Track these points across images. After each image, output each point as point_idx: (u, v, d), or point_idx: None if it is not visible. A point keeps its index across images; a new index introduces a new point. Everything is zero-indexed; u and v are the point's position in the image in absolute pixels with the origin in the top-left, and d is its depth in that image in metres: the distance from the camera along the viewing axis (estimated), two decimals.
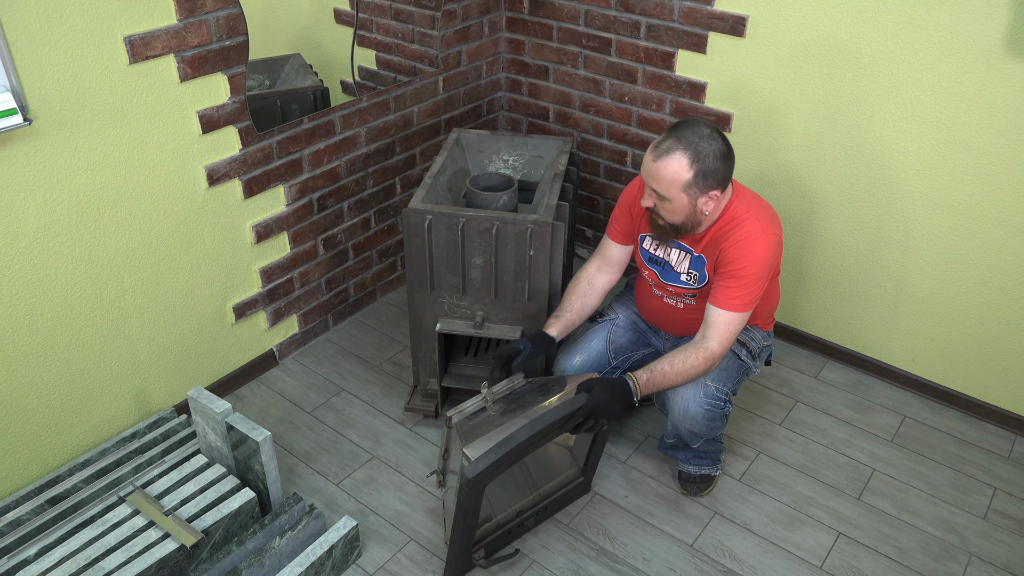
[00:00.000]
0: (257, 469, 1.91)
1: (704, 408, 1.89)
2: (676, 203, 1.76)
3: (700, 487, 2.14)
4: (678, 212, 1.78)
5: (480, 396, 1.87)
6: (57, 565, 1.74)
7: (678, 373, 1.83)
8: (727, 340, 1.84)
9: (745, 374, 2.02)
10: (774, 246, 1.82)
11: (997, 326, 2.27)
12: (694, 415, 1.90)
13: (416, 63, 2.69)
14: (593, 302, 2.09)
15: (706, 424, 1.92)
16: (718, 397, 1.91)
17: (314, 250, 2.57)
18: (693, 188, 1.73)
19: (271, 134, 2.27)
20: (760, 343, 2.04)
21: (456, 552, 1.83)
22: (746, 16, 2.32)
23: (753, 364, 2.02)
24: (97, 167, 1.90)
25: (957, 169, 2.16)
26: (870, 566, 1.97)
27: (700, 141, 1.71)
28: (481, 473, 1.65)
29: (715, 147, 1.72)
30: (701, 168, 1.71)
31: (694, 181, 1.72)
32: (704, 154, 1.70)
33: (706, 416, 1.90)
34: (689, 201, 1.75)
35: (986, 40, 1.98)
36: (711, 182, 1.73)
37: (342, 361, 2.63)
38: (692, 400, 1.89)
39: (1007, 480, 2.21)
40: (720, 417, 1.94)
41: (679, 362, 1.83)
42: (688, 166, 1.71)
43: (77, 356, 2.03)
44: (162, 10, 1.89)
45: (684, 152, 1.70)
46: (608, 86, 2.73)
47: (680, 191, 1.74)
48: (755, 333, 2.04)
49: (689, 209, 1.77)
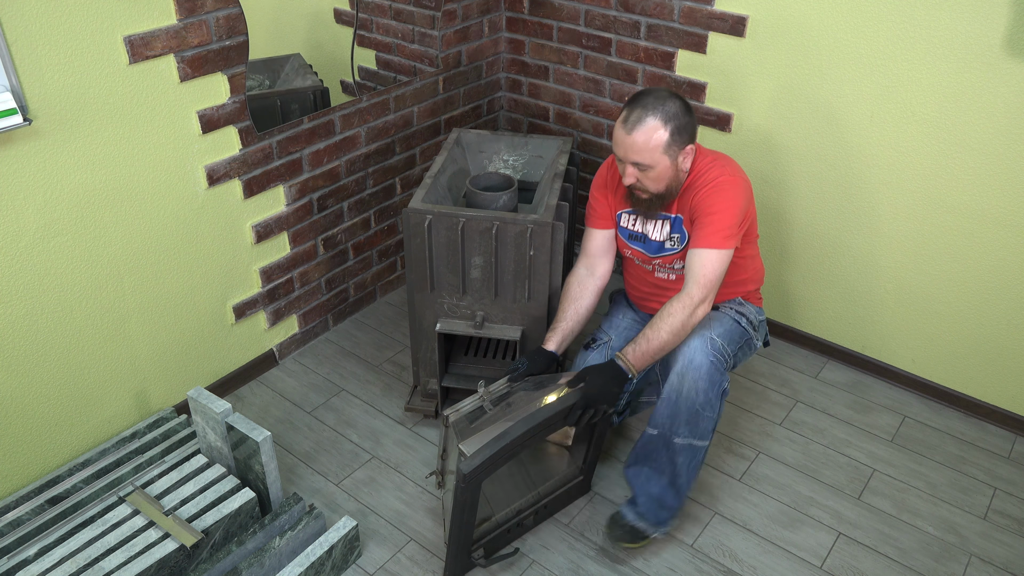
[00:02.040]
0: (257, 469, 1.91)
1: (710, 360, 1.80)
2: (659, 168, 1.79)
3: (625, 536, 1.93)
4: (662, 177, 1.81)
5: (477, 395, 1.87)
6: (57, 565, 1.74)
7: (660, 330, 1.79)
8: (704, 279, 1.80)
9: (748, 347, 1.98)
10: (743, 188, 1.85)
11: (997, 326, 2.27)
12: (699, 366, 1.80)
13: (416, 63, 2.69)
14: (588, 303, 2.05)
15: (705, 389, 1.80)
16: (723, 353, 1.84)
17: (314, 250, 2.57)
18: (673, 147, 1.77)
19: (271, 134, 2.27)
20: (755, 317, 2.03)
21: (455, 551, 1.84)
22: (746, 16, 2.32)
23: (755, 336, 2.00)
24: (97, 167, 1.90)
25: (956, 169, 2.16)
26: (870, 566, 1.97)
27: (664, 103, 1.76)
28: (477, 468, 1.66)
29: (678, 104, 1.77)
30: (676, 125, 1.76)
31: (672, 140, 1.76)
32: (672, 112, 1.76)
33: (710, 371, 1.80)
34: (671, 162, 1.79)
35: (986, 40, 1.98)
36: (685, 137, 1.78)
37: (342, 361, 2.63)
38: (699, 350, 1.81)
39: (1007, 480, 2.21)
40: (718, 388, 1.82)
41: (658, 321, 1.80)
42: (663, 127, 1.75)
43: (77, 356, 2.03)
44: (162, 10, 1.89)
45: (654, 116, 1.75)
46: (608, 86, 2.73)
47: (662, 154, 1.77)
48: (749, 308, 2.02)
49: (672, 171, 1.81)
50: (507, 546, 1.99)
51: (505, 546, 1.99)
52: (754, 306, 2.06)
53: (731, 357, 1.89)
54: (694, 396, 1.81)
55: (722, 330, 1.89)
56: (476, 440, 1.71)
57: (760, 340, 2.05)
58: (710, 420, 1.85)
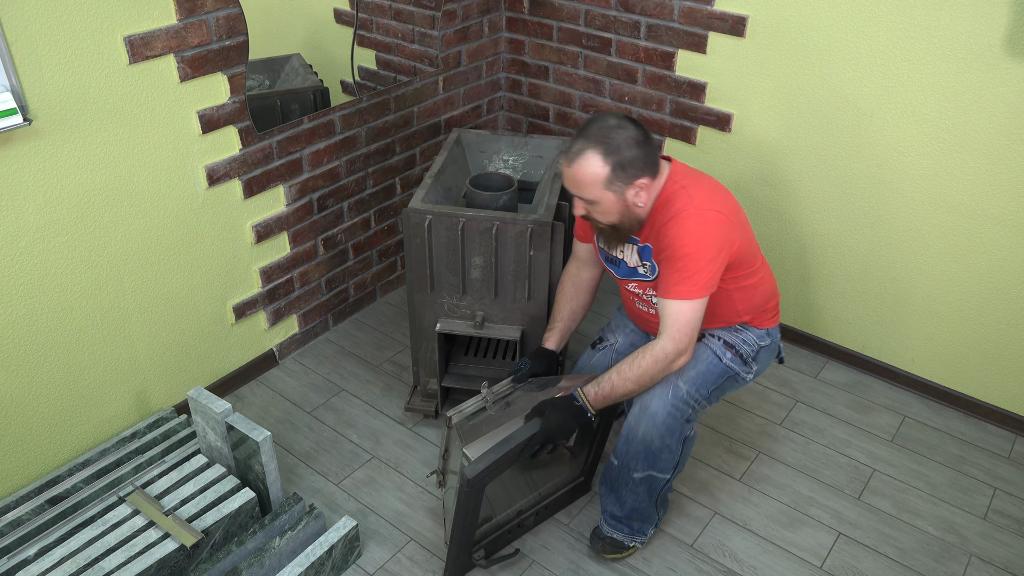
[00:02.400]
0: (257, 469, 1.91)
1: (667, 409, 1.72)
2: (605, 203, 1.67)
3: (606, 547, 1.94)
4: (611, 212, 1.69)
5: (480, 396, 1.87)
6: (57, 565, 1.74)
7: (627, 380, 1.69)
8: (679, 333, 1.66)
9: (732, 382, 1.84)
10: (712, 222, 1.66)
11: (997, 326, 2.27)
12: (654, 414, 1.72)
13: (416, 63, 2.69)
14: (584, 300, 2.01)
15: (661, 436, 1.74)
16: (686, 403, 1.74)
17: (314, 250, 2.57)
18: (615, 183, 1.64)
19: (271, 134, 2.27)
20: (755, 344, 1.86)
21: (456, 552, 1.84)
22: (746, 16, 2.32)
23: (743, 369, 1.84)
24: (97, 167, 1.90)
25: (957, 169, 2.16)
26: (870, 566, 1.97)
27: (608, 133, 1.62)
28: (481, 473, 1.65)
29: (626, 135, 1.62)
30: (617, 160, 1.62)
31: (614, 175, 1.63)
32: (616, 145, 1.61)
33: (667, 421, 1.72)
34: (617, 198, 1.66)
35: (986, 40, 1.98)
36: (633, 171, 1.63)
37: (342, 361, 2.63)
38: (657, 397, 1.73)
39: (1007, 480, 2.21)
40: (679, 435, 1.75)
41: (627, 368, 1.69)
42: (603, 162, 1.62)
43: (77, 356, 2.03)
44: (162, 10, 1.89)
45: (595, 149, 1.62)
46: (608, 86, 2.73)
47: (603, 190, 1.64)
48: (747, 333, 1.86)
49: (620, 206, 1.68)
50: (507, 547, 1.99)
51: (505, 547, 1.99)
52: (758, 330, 1.88)
53: (702, 401, 1.78)
54: (649, 441, 1.76)
55: (693, 374, 1.77)
56: (480, 444, 1.71)
57: (753, 370, 1.88)
58: (669, 460, 1.79)
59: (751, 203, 2.56)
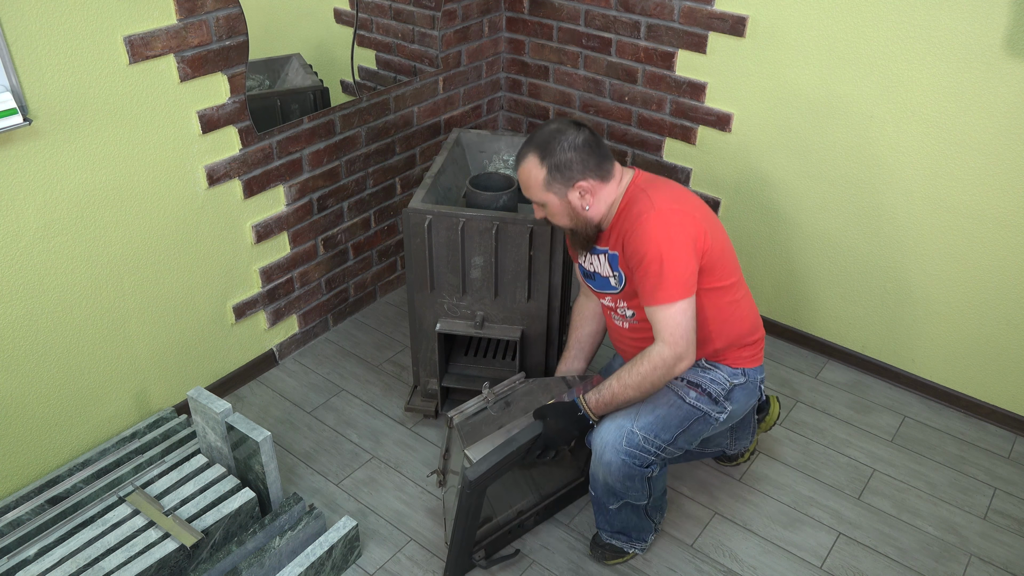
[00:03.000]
0: (257, 469, 1.91)
1: (622, 458, 1.69)
2: (551, 205, 1.72)
3: (606, 555, 1.94)
4: (560, 214, 1.73)
5: (481, 396, 1.87)
6: (57, 565, 1.74)
7: (627, 387, 1.67)
8: (671, 337, 1.62)
9: (703, 423, 1.76)
10: (675, 221, 1.63)
11: (997, 326, 2.27)
12: (608, 463, 1.71)
13: (416, 63, 2.69)
14: (594, 327, 2.02)
15: (621, 480, 1.72)
16: (644, 448, 1.70)
17: (314, 250, 2.57)
18: (554, 185, 1.68)
19: (271, 134, 2.27)
20: (726, 383, 1.78)
21: (456, 552, 1.84)
22: (746, 16, 2.32)
23: (713, 409, 1.76)
24: (97, 167, 1.90)
25: (957, 169, 2.16)
26: (870, 566, 1.97)
27: (549, 137, 1.67)
28: (483, 475, 1.66)
29: (566, 139, 1.66)
30: (553, 162, 1.66)
31: (551, 177, 1.67)
32: (553, 147, 1.66)
33: (622, 469, 1.70)
34: (560, 200, 1.70)
35: (986, 40, 1.98)
36: (570, 173, 1.67)
37: (342, 361, 2.63)
38: (610, 445, 1.70)
39: (1007, 480, 2.21)
40: (640, 478, 1.72)
41: (627, 374, 1.67)
42: (540, 163, 1.67)
43: (77, 356, 2.03)
44: (162, 10, 1.89)
45: (533, 152, 1.68)
46: (608, 86, 2.73)
47: (545, 191, 1.70)
48: (716, 372, 1.79)
49: (566, 208, 1.71)
50: (507, 547, 1.99)
51: (505, 547, 1.99)
52: (730, 368, 1.80)
53: (665, 447, 1.72)
54: (611, 484, 1.76)
55: (651, 419, 1.71)
56: (482, 446, 1.71)
57: (727, 410, 1.79)
58: (638, 496, 1.78)
59: (751, 203, 2.56)
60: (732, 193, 2.59)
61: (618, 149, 2.81)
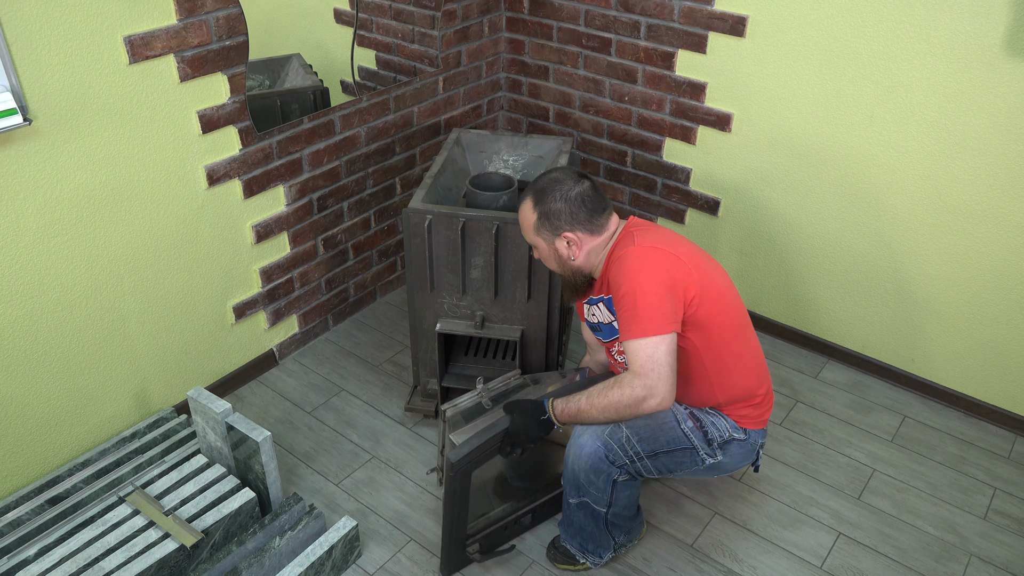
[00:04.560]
0: (257, 469, 1.91)
1: (597, 444, 1.69)
2: (540, 248, 1.78)
3: (558, 557, 1.94)
4: (547, 258, 1.79)
5: (475, 391, 1.87)
6: (57, 565, 1.74)
7: (593, 406, 1.64)
8: (643, 370, 1.57)
9: (689, 456, 1.75)
10: (652, 258, 1.63)
11: (997, 326, 2.27)
12: (582, 445, 1.71)
13: (416, 63, 2.69)
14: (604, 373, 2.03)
15: (586, 471, 1.72)
16: (622, 447, 1.69)
17: (314, 250, 2.57)
18: (543, 231, 1.73)
19: (271, 134, 2.27)
20: (727, 432, 1.76)
21: (448, 542, 1.84)
22: (746, 16, 2.32)
23: (704, 449, 1.75)
24: (97, 167, 1.90)
25: (957, 169, 2.16)
26: (870, 566, 1.97)
27: (547, 185, 1.73)
28: (465, 457, 1.68)
29: (561, 189, 1.70)
30: (543, 210, 1.71)
31: (540, 223, 1.72)
32: (547, 196, 1.71)
33: (592, 457, 1.70)
34: (547, 245, 1.75)
35: (986, 40, 1.98)
36: (558, 223, 1.70)
37: (342, 361, 2.63)
38: (589, 432, 1.71)
39: (1007, 480, 2.21)
40: (605, 476, 1.71)
41: (596, 395, 1.64)
42: (532, 209, 1.73)
43: (77, 356, 2.03)
44: (162, 10, 1.89)
45: (530, 197, 1.74)
46: (608, 86, 2.73)
47: (535, 235, 1.75)
48: (720, 420, 1.77)
49: (553, 254, 1.76)
50: (504, 544, 1.99)
51: (503, 543, 1.99)
52: (729, 421, 1.77)
53: (641, 456, 1.71)
54: (576, 472, 1.75)
55: (641, 423, 1.71)
56: (466, 431, 1.74)
57: (718, 458, 1.77)
58: (599, 497, 1.77)
59: (751, 203, 2.56)
60: (732, 193, 2.59)
61: (618, 149, 2.81)
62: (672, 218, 2.79)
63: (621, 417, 1.63)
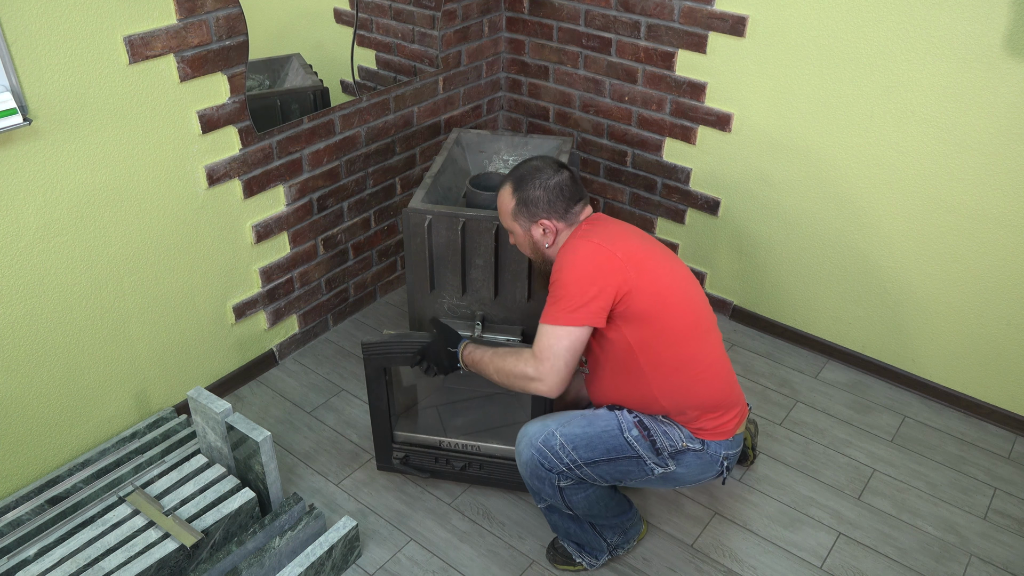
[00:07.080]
0: (257, 469, 1.91)
1: (532, 452, 1.71)
2: (516, 235, 1.81)
3: (557, 557, 1.95)
4: (523, 244, 1.81)
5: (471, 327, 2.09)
6: (57, 565, 1.74)
7: (492, 363, 1.72)
8: (540, 354, 1.62)
9: (635, 465, 1.72)
10: (586, 252, 1.64)
11: (997, 326, 2.27)
12: (519, 453, 1.75)
13: (416, 63, 2.69)
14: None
15: (529, 477, 1.75)
16: (557, 455, 1.69)
17: (314, 250, 2.57)
18: (520, 217, 1.76)
19: (271, 134, 2.27)
20: (679, 442, 1.72)
21: (375, 434, 2.10)
22: (746, 16, 2.32)
23: (652, 459, 1.71)
24: (97, 167, 1.90)
25: (957, 169, 2.16)
26: (870, 566, 1.97)
27: (526, 172, 1.75)
28: (376, 344, 1.93)
29: (540, 177, 1.73)
30: (522, 196, 1.74)
31: (517, 209, 1.75)
32: (527, 183, 1.74)
33: (529, 464, 1.72)
34: (524, 232, 1.78)
35: (986, 40, 1.98)
36: (535, 210, 1.73)
37: (342, 361, 2.63)
38: (528, 438, 1.73)
39: (1007, 480, 2.21)
40: (549, 481, 1.72)
41: (500, 354, 1.72)
42: (511, 195, 1.76)
43: (77, 356, 2.03)
44: (162, 10, 1.89)
45: (510, 182, 1.77)
46: (608, 86, 2.73)
47: (512, 221, 1.78)
48: (673, 429, 1.73)
49: (528, 240, 1.79)
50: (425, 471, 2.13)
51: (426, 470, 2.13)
52: (685, 432, 1.73)
53: (580, 464, 1.70)
54: (524, 476, 1.78)
55: (578, 432, 1.71)
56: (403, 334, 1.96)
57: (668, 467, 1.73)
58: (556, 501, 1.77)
59: (751, 203, 2.56)
60: (732, 193, 2.59)
61: (618, 149, 2.81)
62: (672, 218, 2.79)
63: (510, 386, 1.70)
